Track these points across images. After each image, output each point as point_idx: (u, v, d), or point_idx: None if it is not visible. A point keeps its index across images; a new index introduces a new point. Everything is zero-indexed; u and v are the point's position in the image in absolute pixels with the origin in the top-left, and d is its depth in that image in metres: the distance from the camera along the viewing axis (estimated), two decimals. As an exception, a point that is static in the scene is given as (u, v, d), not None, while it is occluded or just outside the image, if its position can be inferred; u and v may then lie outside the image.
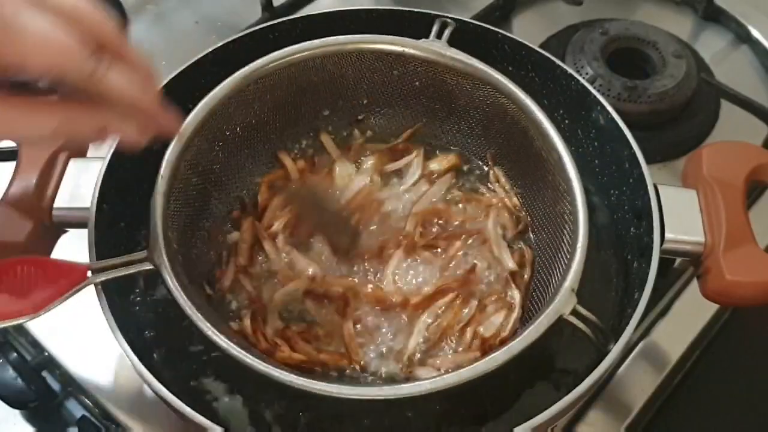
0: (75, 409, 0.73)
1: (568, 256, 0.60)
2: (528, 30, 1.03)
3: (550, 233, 0.69)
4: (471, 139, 0.79)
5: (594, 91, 0.74)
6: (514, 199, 0.76)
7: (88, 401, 0.72)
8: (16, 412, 0.73)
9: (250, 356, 0.54)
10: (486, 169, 0.79)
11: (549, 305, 0.56)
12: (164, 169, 0.62)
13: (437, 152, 0.81)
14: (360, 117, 0.81)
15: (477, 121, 0.76)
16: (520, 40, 0.78)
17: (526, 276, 0.70)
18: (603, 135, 0.74)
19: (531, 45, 0.77)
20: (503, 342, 0.61)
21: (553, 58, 0.77)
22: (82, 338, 0.74)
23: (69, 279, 0.56)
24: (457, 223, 0.75)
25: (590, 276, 0.59)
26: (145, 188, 0.62)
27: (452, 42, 0.72)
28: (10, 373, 0.70)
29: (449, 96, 0.76)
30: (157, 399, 0.58)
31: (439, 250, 0.73)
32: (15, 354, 0.72)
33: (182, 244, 0.65)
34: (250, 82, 0.69)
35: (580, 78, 0.75)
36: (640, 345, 0.76)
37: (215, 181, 0.73)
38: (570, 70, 0.76)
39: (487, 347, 0.66)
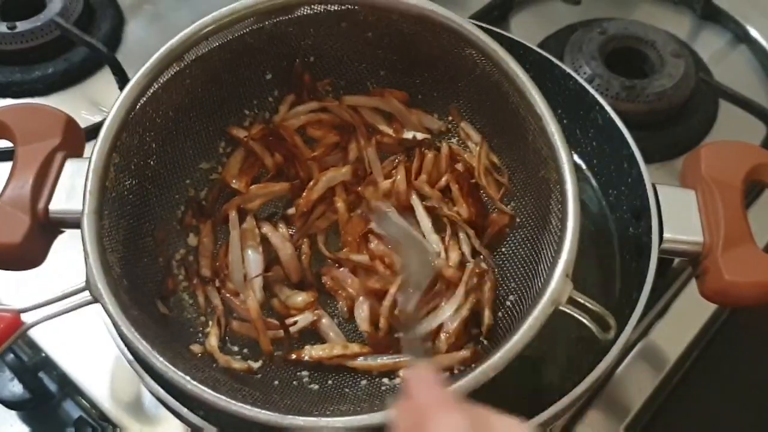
0: (72, 409, 0.72)
1: (558, 234, 0.56)
2: (526, 29, 1.03)
3: (534, 203, 0.66)
4: (437, 93, 0.73)
5: (592, 91, 0.74)
6: (492, 157, 0.71)
7: (84, 402, 0.72)
8: (13, 413, 0.72)
9: (219, 395, 0.50)
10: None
11: (542, 295, 0.53)
12: (90, 182, 0.56)
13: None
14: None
15: (443, 72, 0.70)
16: (518, 39, 0.78)
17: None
18: (601, 135, 0.74)
19: (529, 44, 0.77)
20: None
21: (551, 58, 0.77)
22: (79, 339, 0.73)
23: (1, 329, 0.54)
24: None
25: (588, 276, 0.59)
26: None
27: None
28: (7, 374, 0.70)
29: (408, 47, 0.69)
30: (154, 399, 0.58)
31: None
32: (12, 355, 0.71)
33: (126, 262, 0.60)
34: (177, 57, 0.63)
35: (578, 77, 0.75)
36: (639, 345, 0.76)
37: (153, 177, 0.66)
38: (568, 70, 0.76)
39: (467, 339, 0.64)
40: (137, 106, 0.61)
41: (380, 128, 0.73)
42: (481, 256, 0.69)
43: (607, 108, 0.72)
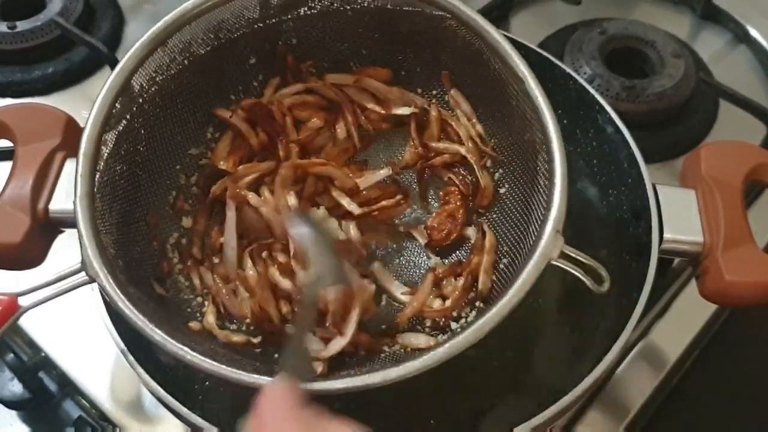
0: (72, 409, 0.73)
1: (547, 193, 0.56)
2: (526, 30, 1.03)
3: (522, 166, 0.65)
4: (420, 68, 0.73)
5: (592, 91, 0.74)
6: (478, 127, 0.70)
7: (84, 402, 0.72)
8: (13, 412, 0.72)
9: (219, 364, 0.51)
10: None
11: (534, 251, 0.53)
12: (81, 166, 0.57)
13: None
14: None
15: (424, 46, 0.70)
16: (518, 39, 0.77)
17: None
18: (601, 135, 0.74)
19: (529, 44, 0.77)
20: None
21: (551, 58, 0.76)
22: (79, 338, 0.73)
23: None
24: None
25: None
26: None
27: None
28: (7, 374, 0.70)
29: (389, 23, 0.69)
30: (154, 399, 0.58)
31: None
32: (12, 355, 0.72)
33: (120, 245, 0.60)
34: (161, 42, 0.63)
35: (578, 78, 0.75)
36: (639, 345, 0.76)
37: (143, 162, 0.66)
38: (568, 70, 0.76)
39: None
40: (125, 92, 0.61)
41: (368, 106, 0.73)
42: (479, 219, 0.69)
43: (607, 108, 0.72)
